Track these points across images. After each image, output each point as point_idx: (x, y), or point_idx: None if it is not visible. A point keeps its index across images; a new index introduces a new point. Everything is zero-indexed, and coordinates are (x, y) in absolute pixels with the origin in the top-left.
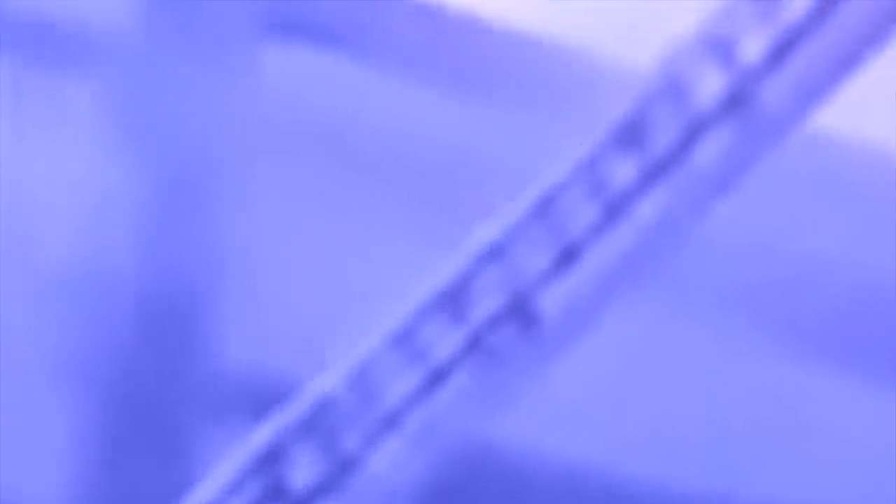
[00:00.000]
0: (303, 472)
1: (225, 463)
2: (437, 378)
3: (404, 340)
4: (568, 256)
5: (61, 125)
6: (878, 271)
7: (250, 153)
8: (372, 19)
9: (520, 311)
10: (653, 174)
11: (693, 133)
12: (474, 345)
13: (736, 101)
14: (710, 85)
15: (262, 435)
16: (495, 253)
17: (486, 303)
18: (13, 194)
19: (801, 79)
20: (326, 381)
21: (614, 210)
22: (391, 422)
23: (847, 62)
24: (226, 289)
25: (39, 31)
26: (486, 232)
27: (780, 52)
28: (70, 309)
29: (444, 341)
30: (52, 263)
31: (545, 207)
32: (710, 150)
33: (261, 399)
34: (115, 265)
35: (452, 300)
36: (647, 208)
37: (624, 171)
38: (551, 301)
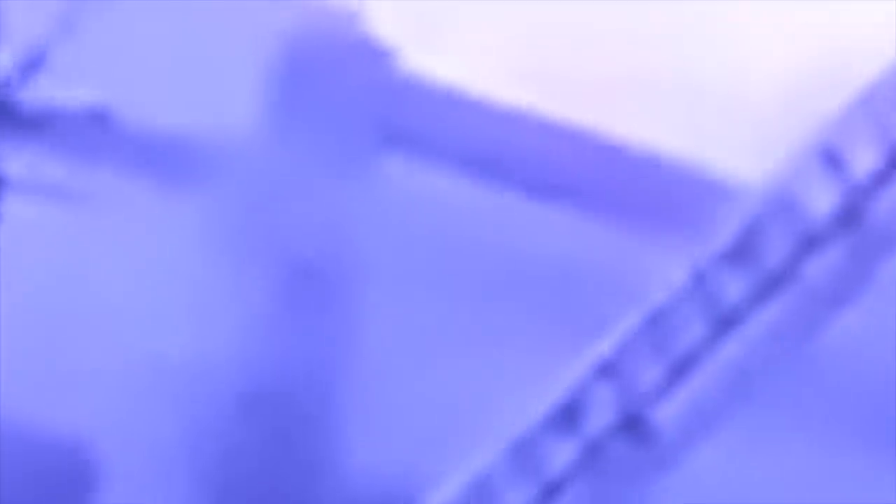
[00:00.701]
0: None
1: None
2: (551, 490)
3: (521, 452)
4: (680, 371)
5: (182, 233)
6: None
7: (369, 262)
8: (485, 133)
9: (633, 425)
10: (764, 289)
11: (805, 248)
12: (589, 458)
13: (847, 217)
14: (823, 200)
15: None
16: (609, 367)
17: (601, 416)
18: (133, 296)
19: None
20: (444, 492)
21: (725, 325)
22: None
23: None
24: (343, 396)
25: (160, 145)
26: (600, 346)
27: (891, 167)
28: (185, 407)
29: (560, 454)
30: (172, 362)
31: (657, 322)
32: (822, 265)
33: None
34: (233, 364)
35: (568, 414)
36: (759, 323)
37: (735, 285)
38: (664, 415)
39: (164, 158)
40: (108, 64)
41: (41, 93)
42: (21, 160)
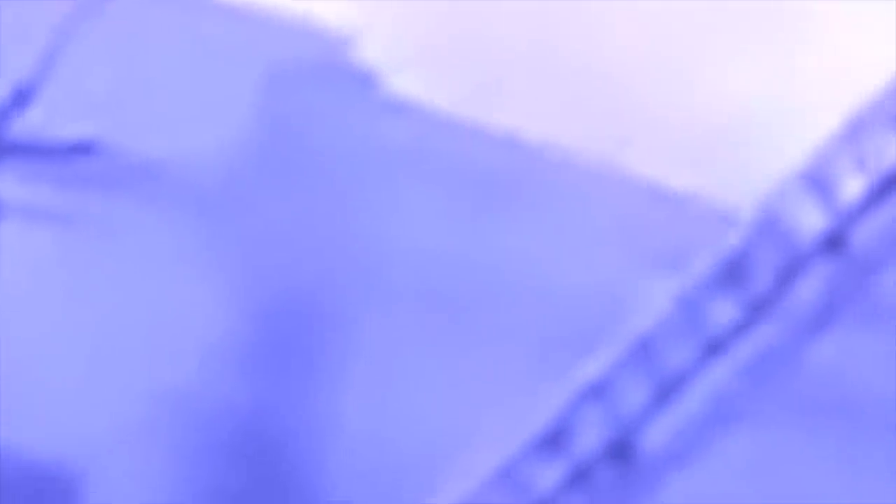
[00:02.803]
0: None
1: None
2: None
3: (507, 477)
4: (667, 394)
5: (168, 259)
6: None
7: (356, 286)
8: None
9: (620, 449)
10: (752, 313)
11: (792, 273)
12: (575, 481)
13: (834, 242)
14: (810, 225)
15: None
16: (597, 390)
17: (587, 439)
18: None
19: None
20: None
21: (713, 349)
22: None
23: None
24: (329, 427)
25: (148, 171)
26: (588, 369)
27: (878, 194)
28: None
29: (546, 477)
30: (162, 393)
31: (645, 345)
32: (809, 289)
33: None
34: (221, 400)
35: (555, 437)
36: (747, 345)
37: (723, 309)
38: (651, 439)
39: (151, 184)
40: (95, 91)
41: (31, 124)
42: (11, 187)
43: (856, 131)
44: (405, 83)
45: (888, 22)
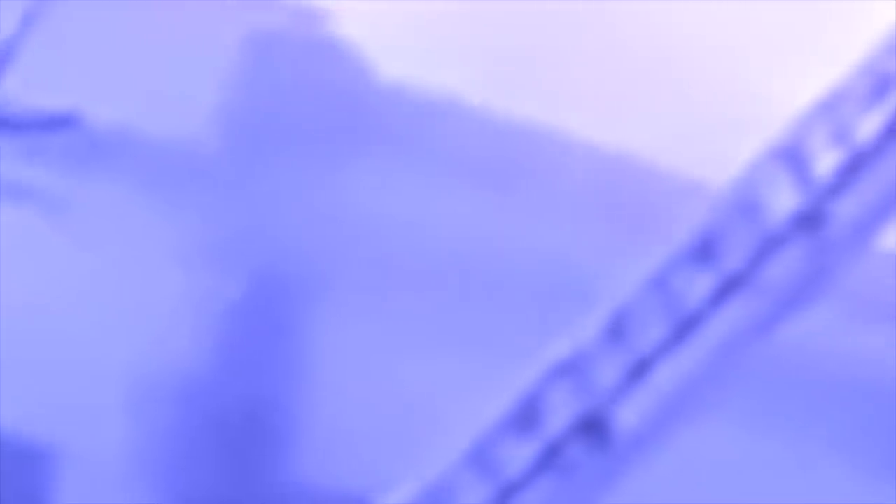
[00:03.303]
0: None
1: None
2: (510, 492)
3: (478, 456)
4: (640, 372)
5: (141, 233)
6: None
7: (332, 268)
8: (454, 138)
9: (592, 427)
10: (725, 290)
11: (766, 250)
12: (547, 459)
13: (808, 219)
14: (784, 202)
15: None
16: (568, 368)
17: (559, 418)
18: (95, 304)
19: (873, 197)
20: (401, 496)
21: (686, 326)
22: None
23: None
24: (300, 402)
25: (125, 147)
26: (559, 347)
27: (852, 170)
28: (146, 419)
29: (518, 456)
30: (134, 370)
31: (618, 322)
32: (782, 267)
33: None
34: (193, 374)
35: (526, 415)
36: (720, 323)
37: (696, 286)
38: (624, 416)
39: (128, 161)
40: (71, 67)
41: (7, 98)
42: None
43: (830, 106)
44: (385, 60)
45: None
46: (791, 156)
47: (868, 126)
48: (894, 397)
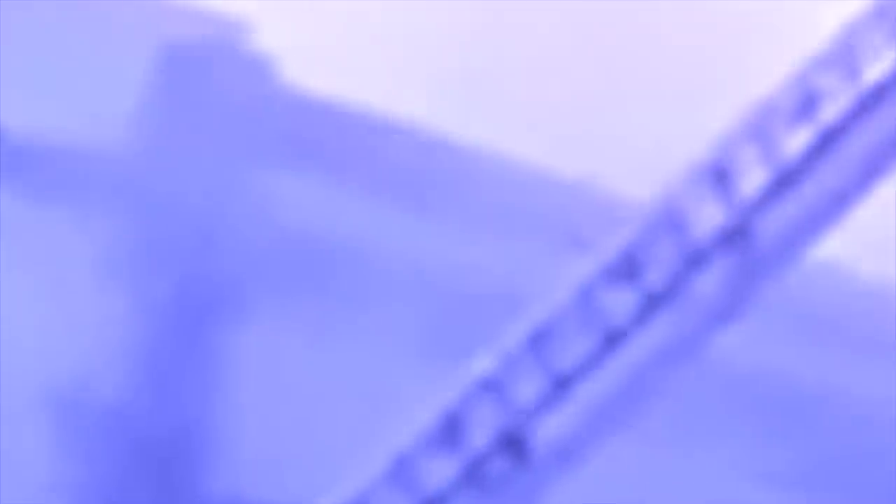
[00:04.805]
0: None
1: None
2: None
3: (399, 471)
4: (563, 387)
5: (58, 253)
6: (879, 403)
7: (248, 276)
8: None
9: (512, 443)
10: (649, 306)
11: (691, 265)
12: (468, 474)
13: (733, 235)
14: (709, 217)
15: None
16: (491, 383)
17: (480, 434)
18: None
19: (800, 213)
20: None
21: (609, 341)
22: None
23: (845, 197)
24: (219, 419)
25: (39, 159)
26: (482, 362)
27: (779, 186)
28: (65, 437)
29: (439, 470)
30: (49, 392)
31: (540, 338)
32: (708, 282)
33: None
34: (111, 395)
35: (448, 430)
36: (645, 339)
37: (620, 302)
38: (544, 433)
39: (39, 167)
40: None
41: None
42: None
43: (757, 124)
44: (299, 72)
45: None
46: (716, 171)
47: (794, 142)
48: (813, 412)
